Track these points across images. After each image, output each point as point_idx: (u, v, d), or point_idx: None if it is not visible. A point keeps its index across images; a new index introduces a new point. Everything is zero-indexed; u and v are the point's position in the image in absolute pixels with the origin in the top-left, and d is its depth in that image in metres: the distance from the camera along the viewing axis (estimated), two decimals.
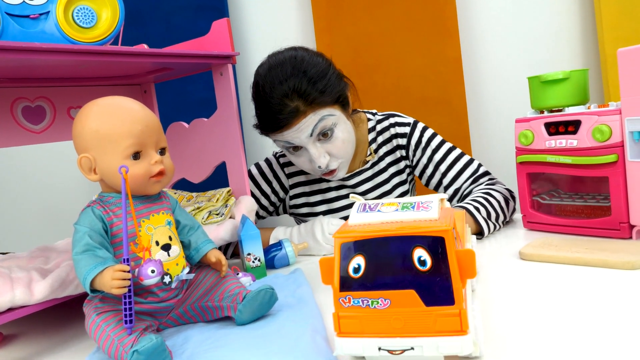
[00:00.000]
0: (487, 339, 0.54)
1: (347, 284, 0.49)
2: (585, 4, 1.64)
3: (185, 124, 1.10)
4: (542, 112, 0.95)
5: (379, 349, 0.48)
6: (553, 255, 0.78)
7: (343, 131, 1.02)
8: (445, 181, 1.11)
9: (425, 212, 0.50)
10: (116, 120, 0.65)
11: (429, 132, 1.14)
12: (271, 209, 1.21)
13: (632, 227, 0.84)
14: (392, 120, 1.16)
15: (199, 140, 1.08)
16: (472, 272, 0.46)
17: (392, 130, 1.15)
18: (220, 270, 0.73)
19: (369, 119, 1.19)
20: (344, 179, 1.16)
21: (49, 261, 0.81)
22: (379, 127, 1.17)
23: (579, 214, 0.94)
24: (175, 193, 1.11)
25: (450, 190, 1.11)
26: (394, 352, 0.47)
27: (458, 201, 1.11)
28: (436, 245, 0.46)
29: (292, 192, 1.19)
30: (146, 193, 0.68)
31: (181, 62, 0.93)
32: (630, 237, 0.84)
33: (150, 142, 0.67)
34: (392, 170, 1.17)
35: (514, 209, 1.06)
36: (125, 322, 0.59)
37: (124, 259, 0.60)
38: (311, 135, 0.99)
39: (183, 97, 1.75)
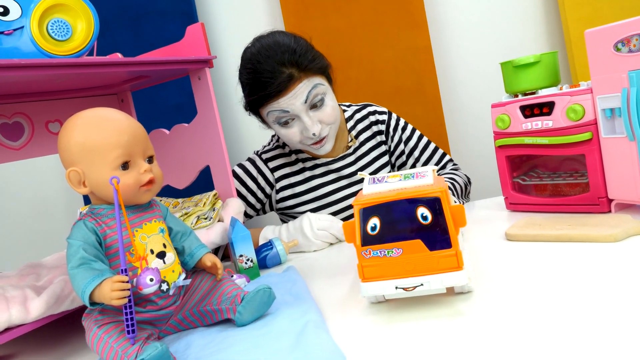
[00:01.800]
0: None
1: (367, 240, 0.61)
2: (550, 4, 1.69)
3: (166, 131, 1.10)
4: (516, 95, 0.98)
5: (396, 287, 0.61)
6: (538, 234, 0.80)
7: (332, 100, 1.10)
8: (418, 165, 1.23)
9: (422, 179, 0.62)
10: (102, 132, 0.65)
11: (402, 121, 1.27)
12: (258, 206, 1.22)
13: (611, 200, 0.87)
14: (369, 109, 1.26)
15: (181, 146, 1.07)
16: (463, 222, 0.60)
17: (372, 118, 1.24)
18: (216, 274, 0.73)
19: (344, 110, 1.25)
20: (328, 164, 1.20)
21: (41, 278, 0.81)
22: (357, 116, 1.25)
23: (559, 193, 0.97)
24: (160, 200, 1.11)
25: (419, 165, 1.24)
26: (407, 289, 0.60)
27: None
28: (434, 203, 0.59)
29: (278, 186, 1.21)
30: (137, 202, 0.68)
31: (158, 70, 0.92)
32: (610, 211, 0.87)
33: (137, 151, 0.67)
34: (374, 154, 1.23)
35: (470, 192, 1.21)
36: (128, 332, 0.59)
37: (122, 270, 0.60)
38: (305, 101, 1.05)
39: (158, 103, 1.74)
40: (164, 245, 0.69)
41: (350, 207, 1.19)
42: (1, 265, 1.00)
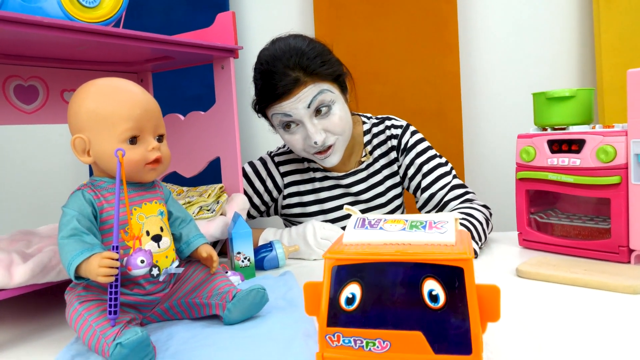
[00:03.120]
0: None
1: (336, 318, 0.41)
2: (585, 28, 1.66)
3: (181, 116, 1.07)
4: (545, 129, 0.94)
5: None
6: (551, 274, 0.76)
7: (340, 110, 1.03)
8: (424, 183, 1.12)
9: (439, 233, 0.41)
10: (115, 102, 0.62)
11: (418, 136, 1.17)
12: (263, 208, 1.18)
13: (632, 251, 0.83)
14: (387, 122, 1.19)
15: (194, 134, 1.05)
16: (496, 314, 0.38)
17: (388, 132, 1.18)
18: (211, 267, 0.70)
19: (363, 122, 1.20)
20: (338, 178, 1.16)
21: (31, 245, 0.78)
22: (375, 130, 1.18)
23: (577, 235, 0.93)
24: (165, 186, 1.08)
25: (426, 195, 1.12)
26: None
27: (433, 208, 1.12)
28: (453, 277, 0.38)
29: (286, 191, 1.17)
30: (140, 180, 0.65)
31: (183, 51, 0.90)
32: (629, 262, 0.83)
33: (148, 127, 0.64)
34: (386, 172, 1.17)
35: (492, 229, 1.07)
36: (109, 312, 0.55)
37: (113, 246, 0.57)
38: (309, 106, 0.99)
39: (178, 92, 1.72)
40: (161, 229, 0.65)
41: None
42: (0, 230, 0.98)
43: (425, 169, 1.13)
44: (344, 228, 1.13)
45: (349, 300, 0.40)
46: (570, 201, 0.99)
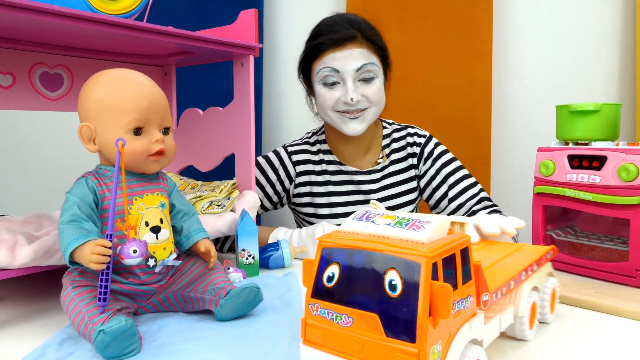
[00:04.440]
0: None
1: (318, 291, 0.46)
2: (626, 40, 1.59)
3: (200, 111, 1.08)
4: (567, 143, 0.90)
5: None
6: (561, 294, 0.73)
7: (380, 84, 1.09)
8: (451, 193, 1.15)
9: (415, 232, 0.44)
10: (122, 92, 0.63)
11: (442, 147, 1.20)
12: (275, 199, 1.20)
13: None
14: (410, 130, 1.22)
15: (211, 129, 1.06)
16: (445, 312, 0.40)
17: (409, 139, 1.20)
18: (208, 261, 0.70)
19: (384, 127, 1.23)
20: (351, 173, 1.17)
21: (41, 228, 0.80)
22: (395, 135, 1.21)
23: (594, 256, 0.89)
24: (181, 179, 1.10)
25: (454, 204, 1.15)
26: None
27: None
28: (411, 271, 0.41)
29: (297, 180, 1.19)
30: (143, 171, 0.66)
31: (202, 47, 0.91)
32: None
33: (154, 119, 0.65)
34: (401, 176, 1.19)
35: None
36: (99, 299, 0.56)
37: (107, 235, 0.57)
38: (357, 70, 1.05)
39: (206, 87, 1.74)
40: (161, 221, 0.66)
41: None
42: (17, 211, 1.01)
43: (451, 179, 1.16)
44: None
45: (329, 278, 0.46)
46: (590, 220, 0.95)
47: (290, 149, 1.20)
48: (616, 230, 0.90)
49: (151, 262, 0.64)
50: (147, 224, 0.65)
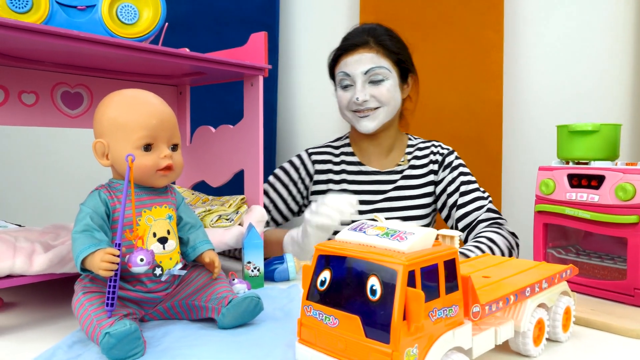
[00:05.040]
0: None
1: (312, 294, 0.51)
2: (639, 61, 1.59)
3: (212, 129, 1.13)
4: (567, 162, 0.92)
5: None
6: None
7: (391, 86, 1.18)
8: (461, 201, 1.20)
9: (398, 242, 0.48)
10: (133, 111, 0.68)
11: (459, 162, 1.27)
12: (299, 198, 1.28)
13: None
14: (434, 143, 1.31)
15: (222, 146, 1.10)
16: (417, 317, 0.43)
17: (432, 149, 1.28)
18: (213, 272, 0.73)
19: (410, 138, 1.32)
20: (371, 173, 1.24)
21: (58, 238, 0.84)
22: (420, 146, 1.30)
23: (594, 274, 0.90)
24: (193, 194, 1.14)
25: (460, 212, 1.20)
26: None
27: (466, 227, 1.19)
28: (389, 277, 0.45)
29: (315, 178, 1.27)
30: (152, 185, 0.70)
31: (214, 68, 0.96)
32: None
33: (162, 136, 0.69)
34: (418, 181, 1.25)
35: (516, 257, 1.11)
36: (107, 304, 0.60)
37: (116, 244, 0.61)
38: (365, 73, 1.15)
39: (224, 105, 1.80)
40: (168, 232, 0.70)
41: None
42: (38, 223, 1.06)
43: (464, 188, 1.21)
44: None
45: (322, 283, 0.50)
46: (592, 239, 0.96)
47: (310, 150, 1.31)
48: (616, 249, 0.91)
49: (158, 271, 0.67)
50: (154, 234, 0.68)
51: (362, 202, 1.22)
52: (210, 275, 0.74)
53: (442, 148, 1.29)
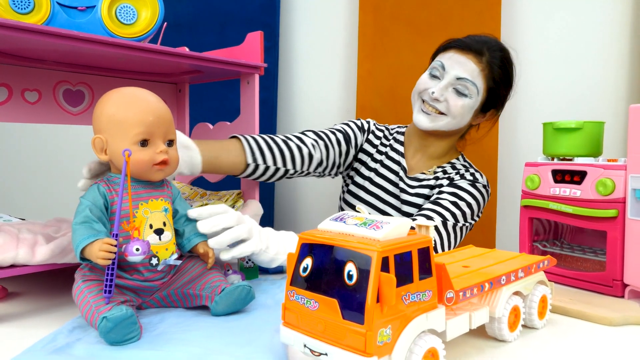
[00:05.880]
0: None
1: (296, 280, 0.53)
2: (634, 57, 1.61)
3: (210, 125, 1.16)
4: (552, 159, 0.95)
5: (304, 345, 0.51)
6: None
7: (467, 105, 1.10)
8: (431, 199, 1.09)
9: (374, 231, 0.51)
10: (131, 108, 0.71)
11: (465, 183, 1.10)
12: (359, 137, 1.24)
13: (626, 286, 0.82)
14: (473, 169, 1.19)
15: None
16: (389, 300, 0.46)
17: (462, 171, 1.16)
18: (207, 262, 0.77)
19: (457, 159, 1.22)
20: (402, 168, 1.19)
21: (60, 231, 0.88)
22: (459, 167, 1.18)
23: (577, 266, 0.92)
24: (191, 189, 1.17)
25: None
26: (314, 353, 0.51)
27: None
28: (364, 263, 0.48)
29: (364, 146, 1.25)
30: (148, 179, 0.73)
31: (211, 67, 0.99)
32: (622, 296, 0.82)
33: (158, 132, 0.72)
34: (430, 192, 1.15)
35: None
36: (105, 291, 0.63)
37: (113, 234, 0.65)
38: (457, 78, 1.08)
39: (225, 103, 1.83)
40: (164, 224, 0.73)
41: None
42: (40, 217, 1.10)
43: (444, 196, 1.07)
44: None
45: (304, 269, 0.53)
46: (576, 233, 0.99)
47: (373, 122, 1.28)
48: (597, 242, 0.93)
49: (154, 261, 0.71)
50: (151, 226, 0.72)
51: (375, 196, 1.20)
52: (205, 266, 0.77)
53: (470, 174, 1.14)
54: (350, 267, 0.48)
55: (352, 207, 1.23)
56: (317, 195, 1.81)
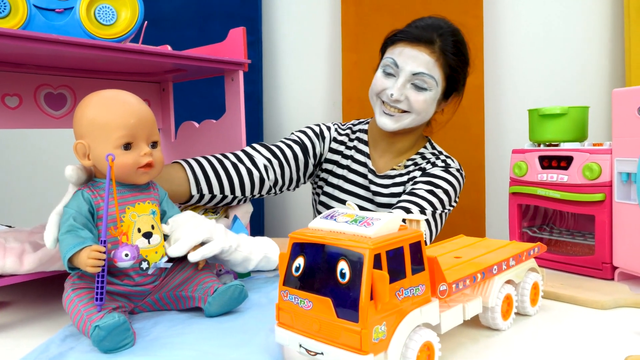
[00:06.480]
0: None
1: (289, 280, 0.53)
2: (615, 41, 1.62)
3: (196, 124, 1.15)
4: (539, 145, 0.95)
5: (300, 345, 0.51)
6: None
7: (429, 98, 1.07)
8: (408, 188, 1.08)
9: (365, 228, 0.51)
10: (111, 112, 0.69)
11: (439, 170, 1.09)
12: (319, 147, 1.19)
13: (615, 268, 0.83)
14: (444, 156, 1.16)
15: (206, 140, 1.12)
16: (383, 297, 0.46)
17: (433, 159, 1.14)
18: (198, 264, 0.76)
19: (425, 147, 1.20)
20: (370, 170, 1.16)
21: None
22: (429, 156, 1.16)
23: (567, 250, 0.93)
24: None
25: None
26: (309, 352, 0.50)
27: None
28: (357, 261, 0.47)
29: (327, 156, 1.21)
30: (134, 182, 0.72)
31: (194, 65, 0.98)
32: (612, 279, 0.83)
33: (141, 135, 0.71)
34: (401, 188, 1.14)
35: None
36: (96, 299, 0.62)
37: (101, 241, 0.64)
38: (414, 74, 1.05)
39: (209, 99, 1.81)
40: (152, 227, 0.72)
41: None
42: (27, 223, 1.08)
43: (419, 186, 1.05)
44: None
45: (297, 269, 0.53)
46: (565, 217, 1.00)
47: (335, 126, 1.23)
48: (586, 226, 0.94)
49: (144, 265, 0.70)
50: (139, 230, 0.71)
51: (353, 194, 1.18)
52: (196, 267, 0.77)
53: (441, 160, 1.13)
54: (342, 266, 0.48)
55: None
56: (306, 199, 1.81)
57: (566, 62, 1.66)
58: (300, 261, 0.52)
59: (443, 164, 1.11)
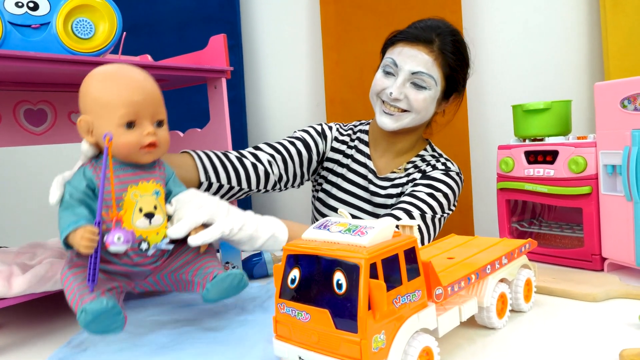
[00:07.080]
0: None
1: (285, 293, 0.53)
2: (593, 34, 1.64)
3: (181, 133, 1.14)
4: (524, 140, 0.96)
5: (299, 358, 0.51)
6: None
7: (429, 97, 1.07)
8: (408, 190, 1.08)
9: (359, 237, 0.50)
10: (114, 88, 0.67)
11: (439, 174, 1.08)
12: (321, 146, 1.20)
13: (604, 259, 0.84)
14: (444, 159, 1.15)
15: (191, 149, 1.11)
16: (381, 306, 0.46)
17: (433, 162, 1.14)
18: (199, 247, 0.73)
19: (426, 149, 1.20)
20: (370, 171, 1.17)
21: (35, 257, 0.85)
22: (429, 159, 1.16)
23: (556, 244, 0.95)
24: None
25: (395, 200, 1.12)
26: None
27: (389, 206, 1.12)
28: (352, 271, 0.47)
29: (328, 154, 1.21)
30: (137, 162, 0.69)
31: (176, 75, 0.97)
32: (602, 270, 0.85)
33: (146, 113, 0.68)
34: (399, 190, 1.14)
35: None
36: (88, 280, 0.62)
37: (96, 222, 0.63)
38: (412, 73, 1.05)
39: (191, 106, 1.80)
40: (155, 207, 0.69)
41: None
42: (14, 242, 1.06)
43: (419, 188, 1.05)
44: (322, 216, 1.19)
45: (292, 281, 0.52)
46: (554, 211, 1.01)
47: (337, 126, 1.24)
48: (574, 218, 0.96)
49: (144, 246, 0.68)
50: (140, 209, 0.68)
51: (351, 194, 1.18)
52: (198, 250, 0.74)
53: (441, 163, 1.13)
54: (339, 276, 0.48)
55: (323, 215, 1.22)
56: (295, 199, 1.80)
57: (546, 57, 1.68)
58: (295, 273, 0.52)
59: (443, 167, 1.11)
